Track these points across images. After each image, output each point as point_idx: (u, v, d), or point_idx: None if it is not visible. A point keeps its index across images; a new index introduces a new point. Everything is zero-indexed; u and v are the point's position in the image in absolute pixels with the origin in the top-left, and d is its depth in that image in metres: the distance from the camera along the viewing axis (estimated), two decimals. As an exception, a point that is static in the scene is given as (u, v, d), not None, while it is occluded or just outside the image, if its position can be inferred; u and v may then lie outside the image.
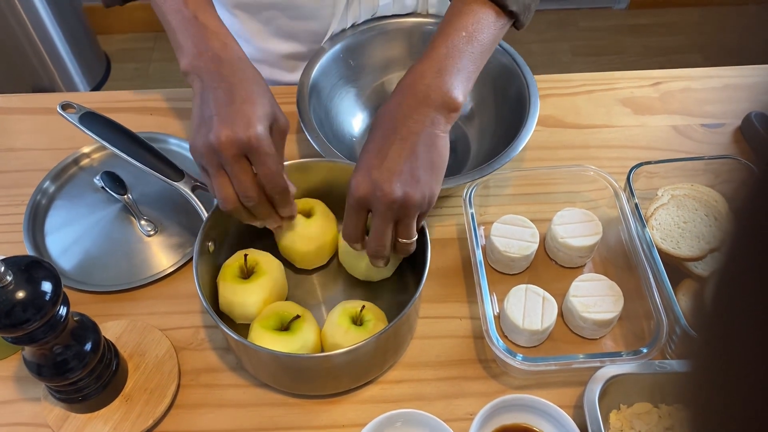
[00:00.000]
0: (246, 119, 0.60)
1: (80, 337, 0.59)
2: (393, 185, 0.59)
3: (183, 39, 0.66)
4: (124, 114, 0.88)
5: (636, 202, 0.71)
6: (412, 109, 0.62)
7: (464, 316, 0.71)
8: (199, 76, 0.64)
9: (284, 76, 0.94)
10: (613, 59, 2.25)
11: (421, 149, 0.61)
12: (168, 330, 0.69)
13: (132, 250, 0.76)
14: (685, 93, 0.90)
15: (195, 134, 0.62)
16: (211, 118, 0.60)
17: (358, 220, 0.62)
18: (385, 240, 0.61)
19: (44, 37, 1.95)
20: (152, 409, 0.64)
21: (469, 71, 0.65)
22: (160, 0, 0.68)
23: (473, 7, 0.66)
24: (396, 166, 0.59)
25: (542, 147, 0.84)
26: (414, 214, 0.61)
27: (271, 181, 0.62)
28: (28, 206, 0.79)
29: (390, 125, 0.62)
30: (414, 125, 0.61)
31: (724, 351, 0.23)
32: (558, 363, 0.62)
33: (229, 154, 0.59)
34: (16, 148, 0.86)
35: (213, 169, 0.61)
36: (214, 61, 0.64)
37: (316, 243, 0.70)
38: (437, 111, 0.62)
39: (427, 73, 0.63)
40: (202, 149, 0.60)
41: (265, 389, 0.66)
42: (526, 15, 0.69)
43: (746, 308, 0.21)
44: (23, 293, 0.51)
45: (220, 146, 0.59)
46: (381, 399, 0.66)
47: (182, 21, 0.66)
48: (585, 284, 0.68)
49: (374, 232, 0.61)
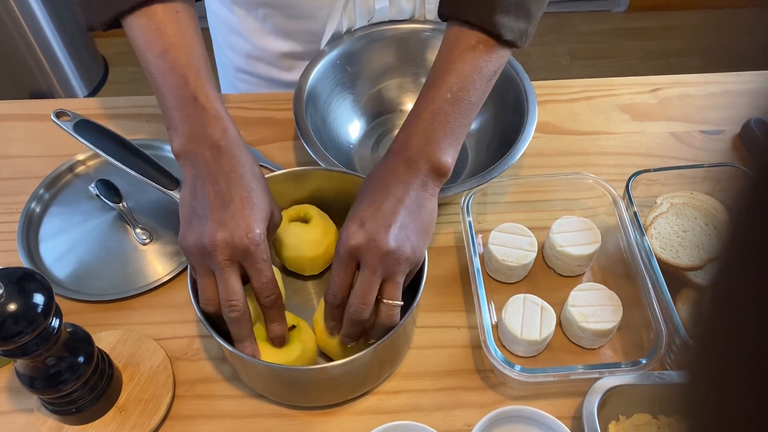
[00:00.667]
0: (245, 224, 0.57)
1: (73, 348, 0.58)
2: (387, 236, 0.58)
3: (179, 119, 0.61)
4: (120, 120, 0.88)
5: (635, 211, 0.71)
6: (402, 173, 0.61)
7: (462, 326, 0.70)
8: (193, 163, 0.60)
9: (281, 74, 0.94)
10: (612, 62, 2.25)
11: (413, 209, 0.60)
12: (163, 340, 0.69)
13: (127, 259, 0.76)
14: (684, 99, 0.90)
15: (186, 230, 0.59)
16: (204, 217, 0.57)
17: (346, 275, 0.59)
18: (370, 297, 0.58)
19: (42, 40, 1.95)
20: (147, 420, 0.63)
21: (456, 134, 0.64)
22: (157, 72, 0.63)
23: (459, 57, 0.64)
24: (390, 219, 0.59)
25: (540, 154, 0.84)
26: (403, 272, 0.59)
27: (267, 290, 0.59)
28: (23, 214, 0.78)
29: (381, 186, 0.61)
30: (405, 187, 0.61)
31: (721, 361, 0.23)
32: (556, 374, 0.61)
33: (221, 259, 0.56)
34: (10, 155, 0.85)
35: (201, 270, 0.58)
36: (212, 150, 0.59)
37: (324, 245, 0.70)
38: (426, 176, 0.62)
39: (414, 140, 0.62)
40: (193, 249, 0.57)
41: (261, 400, 0.65)
42: (524, 40, 0.66)
43: (743, 317, 0.21)
44: (15, 306, 0.51)
45: (214, 250, 0.56)
46: (378, 410, 0.65)
47: (180, 100, 0.61)
48: (584, 294, 0.68)
49: (359, 286, 0.58)
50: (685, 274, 0.69)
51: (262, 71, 0.94)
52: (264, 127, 0.87)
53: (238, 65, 0.96)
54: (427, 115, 0.63)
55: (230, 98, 0.91)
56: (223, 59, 0.98)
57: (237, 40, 0.92)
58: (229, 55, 0.96)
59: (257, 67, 0.94)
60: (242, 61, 0.94)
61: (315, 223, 0.70)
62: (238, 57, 0.94)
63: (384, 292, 0.59)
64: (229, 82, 1.00)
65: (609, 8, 2.43)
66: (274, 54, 0.91)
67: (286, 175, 0.69)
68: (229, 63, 0.97)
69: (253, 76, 0.95)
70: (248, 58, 0.93)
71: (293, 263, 0.70)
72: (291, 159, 0.84)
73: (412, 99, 0.87)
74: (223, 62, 0.99)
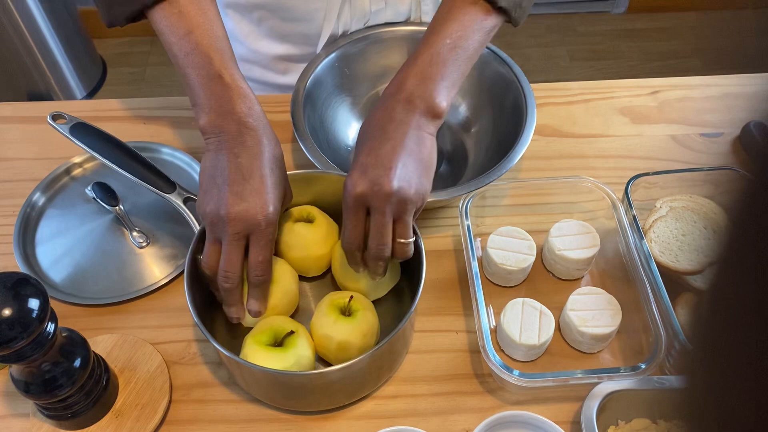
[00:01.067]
0: (261, 201, 0.59)
1: (69, 353, 0.58)
2: (390, 180, 0.59)
3: (205, 96, 0.63)
4: (117, 123, 0.87)
5: (634, 214, 0.70)
6: (397, 113, 0.63)
7: (460, 330, 0.70)
8: (218, 137, 0.62)
9: (276, 78, 0.93)
10: (611, 64, 2.25)
11: (412, 148, 0.62)
12: (159, 344, 0.68)
13: (124, 262, 0.75)
14: (684, 102, 0.90)
15: (204, 197, 0.61)
16: (224, 187, 0.59)
17: (357, 221, 0.61)
18: (386, 237, 0.61)
19: (40, 41, 1.94)
20: (143, 425, 0.62)
21: (452, 78, 0.65)
22: (181, 53, 0.64)
23: (460, 9, 0.66)
24: (390, 163, 0.60)
25: (539, 157, 0.84)
26: (411, 210, 0.61)
27: (260, 269, 0.61)
28: (19, 217, 0.78)
29: (378, 129, 0.63)
30: (401, 127, 0.62)
31: (720, 366, 0.22)
32: (555, 379, 0.61)
33: (232, 231, 0.59)
34: (6, 158, 0.85)
35: (211, 236, 0.61)
36: (238, 125, 0.61)
37: (329, 244, 0.70)
38: (422, 115, 0.63)
39: (410, 80, 0.64)
40: (210, 216, 0.60)
41: (258, 405, 0.65)
42: (517, 12, 0.69)
43: (742, 322, 0.21)
44: (9, 311, 0.50)
45: (228, 221, 0.59)
46: (376, 415, 0.65)
47: (206, 78, 0.63)
48: (583, 298, 0.67)
49: (374, 229, 0.61)
50: (684, 278, 0.69)
51: (257, 75, 0.94)
52: (262, 129, 0.86)
53: None
54: (425, 58, 0.65)
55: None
56: None
57: (232, 43, 0.92)
58: None
59: (252, 70, 0.93)
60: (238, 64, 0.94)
61: (319, 223, 0.69)
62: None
63: (395, 232, 0.61)
64: None
65: (608, 9, 2.43)
66: (268, 57, 0.91)
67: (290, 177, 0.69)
68: None
69: (248, 80, 0.95)
70: (243, 62, 0.93)
71: (299, 264, 0.69)
72: (289, 162, 0.83)
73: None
74: None
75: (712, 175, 0.74)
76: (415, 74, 0.64)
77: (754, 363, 0.20)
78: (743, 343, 0.21)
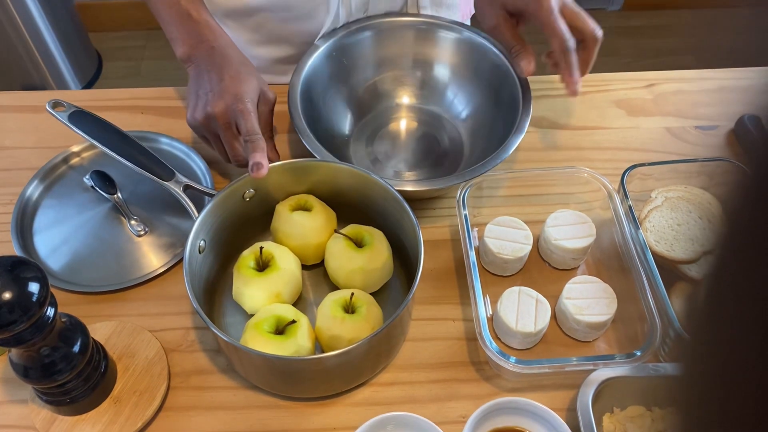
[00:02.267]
0: (235, 93, 0.69)
1: (68, 338, 0.58)
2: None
3: (179, 31, 0.75)
4: (115, 112, 0.87)
5: (630, 204, 0.71)
6: None
7: (457, 318, 0.71)
8: (195, 63, 0.73)
9: (275, 79, 0.93)
10: (606, 60, 2.24)
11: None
12: (158, 331, 0.69)
13: (122, 250, 0.75)
14: (679, 95, 0.90)
15: (193, 109, 0.71)
16: (206, 94, 0.70)
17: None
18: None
19: (35, 34, 1.94)
20: (141, 411, 0.63)
21: None
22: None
23: None
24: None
25: (535, 149, 0.84)
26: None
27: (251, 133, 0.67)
28: (16, 205, 0.78)
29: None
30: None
31: (714, 354, 0.23)
32: (551, 366, 0.62)
33: (222, 122, 0.70)
34: (4, 147, 0.85)
35: (210, 136, 0.72)
36: (208, 50, 0.73)
37: (327, 232, 0.70)
38: None
39: None
40: (201, 120, 0.71)
41: (256, 391, 0.65)
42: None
43: (737, 311, 0.21)
44: (9, 294, 0.50)
45: (215, 116, 0.69)
46: (373, 401, 0.65)
47: (177, 15, 0.75)
48: (578, 286, 0.68)
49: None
50: (679, 268, 0.70)
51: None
52: (260, 119, 0.87)
53: None
54: None
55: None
56: None
57: None
58: None
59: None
60: None
61: (317, 211, 0.70)
62: None
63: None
64: None
65: (604, 6, 2.44)
66: (268, 61, 0.92)
67: (281, 167, 0.69)
68: None
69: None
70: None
71: (297, 252, 0.69)
72: (286, 152, 0.83)
73: (407, 92, 0.88)
74: None
75: (707, 166, 0.75)
76: None
77: (750, 351, 0.20)
78: (739, 331, 0.21)
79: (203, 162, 0.81)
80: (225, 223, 0.69)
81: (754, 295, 0.20)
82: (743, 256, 0.21)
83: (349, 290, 0.65)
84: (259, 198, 0.70)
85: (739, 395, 0.21)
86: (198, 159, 0.82)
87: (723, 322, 0.22)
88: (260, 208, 0.71)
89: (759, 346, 0.20)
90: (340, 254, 0.68)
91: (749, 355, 0.20)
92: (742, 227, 0.21)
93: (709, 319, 0.23)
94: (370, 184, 0.69)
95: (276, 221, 0.71)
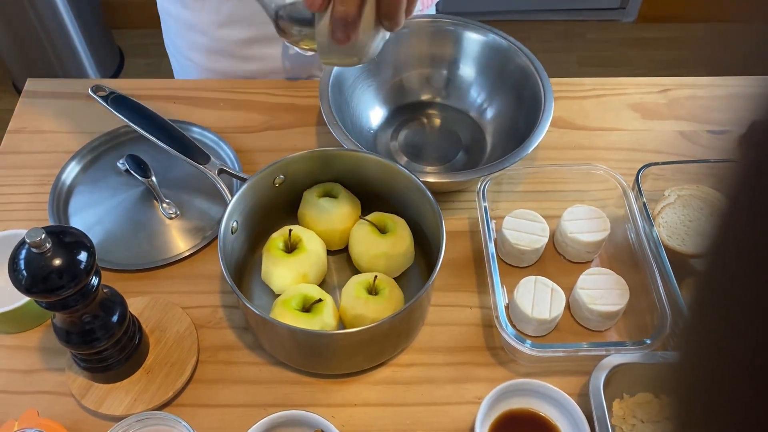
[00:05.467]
0: None
1: (108, 308, 0.61)
2: None
3: None
4: (148, 101, 0.90)
5: (644, 201, 0.74)
6: None
7: (474, 305, 0.73)
8: None
9: (244, 66, 0.94)
10: (619, 71, 2.28)
11: None
12: (187, 308, 0.72)
13: (153, 232, 0.79)
14: (692, 100, 0.93)
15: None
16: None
17: None
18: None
19: (61, 29, 1.98)
20: (172, 382, 0.66)
21: None
22: None
23: None
24: None
25: (552, 147, 0.87)
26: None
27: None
28: (53, 186, 0.81)
29: None
30: None
31: (709, 343, 0.23)
32: (566, 350, 0.64)
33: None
34: (42, 131, 0.88)
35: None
36: None
37: (353, 219, 0.73)
38: None
39: None
40: None
41: (281, 367, 0.68)
42: None
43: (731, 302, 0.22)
44: (60, 261, 0.54)
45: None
46: (392, 381, 0.68)
47: None
48: (592, 278, 0.71)
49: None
50: (690, 263, 0.72)
51: (225, 66, 0.95)
52: (287, 112, 0.90)
53: (202, 64, 0.96)
54: None
55: (256, 84, 0.94)
56: (187, 62, 0.98)
57: (195, 36, 0.93)
58: (192, 55, 0.96)
59: (220, 62, 0.95)
60: (204, 58, 0.95)
61: (342, 199, 0.73)
62: (200, 55, 0.95)
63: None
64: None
65: (618, 18, 2.47)
66: (233, 44, 0.92)
67: (310, 155, 0.72)
68: (193, 65, 0.98)
69: (216, 72, 0.96)
70: (209, 54, 0.94)
71: (323, 237, 0.73)
72: (313, 144, 0.87)
73: (431, 92, 0.91)
74: (188, 65, 0.99)
75: (718, 167, 0.78)
76: None
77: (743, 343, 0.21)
78: (733, 323, 0.21)
79: (232, 150, 0.85)
80: (255, 207, 0.72)
81: (751, 284, 0.20)
82: (739, 253, 0.21)
83: (372, 273, 0.68)
84: (288, 184, 0.74)
85: (736, 378, 0.21)
86: (227, 147, 0.85)
87: (717, 313, 0.22)
88: (288, 194, 0.74)
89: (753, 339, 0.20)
90: (365, 239, 0.71)
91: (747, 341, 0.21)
92: (739, 221, 0.22)
93: (704, 310, 0.24)
94: (395, 174, 0.72)
95: (303, 207, 0.74)
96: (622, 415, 0.65)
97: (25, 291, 0.54)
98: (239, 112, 0.90)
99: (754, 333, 0.20)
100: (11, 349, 0.70)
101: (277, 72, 0.95)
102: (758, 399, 0.20)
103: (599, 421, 0.61)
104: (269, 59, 0.93)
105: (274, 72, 0.95)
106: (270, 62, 0.94)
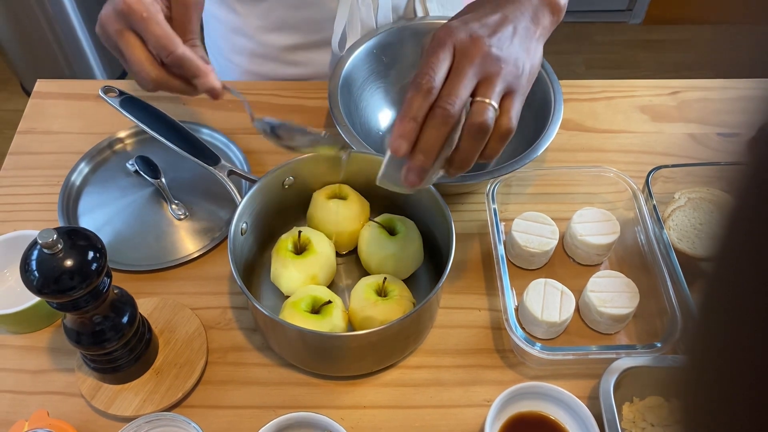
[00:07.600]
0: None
1: (118, 309, 0.61)
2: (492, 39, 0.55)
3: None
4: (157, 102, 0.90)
5: (654, 204, 0.74)
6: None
7: (483, 308, 0.73)
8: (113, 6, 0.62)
9: (287, 70, 0.95)
10: (627, 73, 2.28)
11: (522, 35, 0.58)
12: (196, 309, 0.72)
13: (162, 233, 0.79)
14: (702, 103, 0.93)
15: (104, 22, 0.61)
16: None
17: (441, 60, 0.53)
18: (464, 91, 0.52)
19: (68, 29, 1.99)
20: (181, 383, 0.66)
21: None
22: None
23: None
24: (497, 28, 0.56)
25: (561, 149, 0.87)
26: (504, 79, 0.54)
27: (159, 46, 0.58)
28: (63, 187, 0.81)
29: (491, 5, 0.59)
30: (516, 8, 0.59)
31: (715, 346, 0.23)
32: (575, 353, 0.64)
33: (112, 30, 0.59)
34: (52, 131, 0.89)
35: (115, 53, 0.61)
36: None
37: (362, 220, 0.73)
38: (539, 6, 0.61)
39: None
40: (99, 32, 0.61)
41: (290, 369, 0.68)
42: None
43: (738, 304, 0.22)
44: (71, 262, 0.54)
45: (102, 24, 0.59)
46: (401, 383, 0.68)
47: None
48: (602, 280, 0.70)
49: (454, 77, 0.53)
50: (701, 266, 0.72)
51: (268, 70, 0.96)
52: (295, 113, 0.90)
53: (244, 67, 0.97)
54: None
55: (265, 85, 0.94)
56: (229, 63, 0.99)
57: (240, 40, 0.94)
58: (234, 58, 0.97)
59: (263, 65, 0.95)
60: (247, 61, 0.96)
61: (351, 200, 0.73)
62: (242, 58, 0.96)
63: (477, 91, 0.54)
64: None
65: (626, 20, 2.46)
66: (278, 49, 0.93)
67: (321, 156, 0.72)
68: (234, 66, 0.99)
69: (258, 75, 0.97)
70: (253, 57, 0.95)
71: (332, 239, 0.72)
72: (321, 145, 0.87)
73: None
74: (228, 67, 1.00)
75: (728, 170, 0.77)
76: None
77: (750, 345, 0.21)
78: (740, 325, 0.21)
79: (241, 152, 0.85)
80: (265, 209, 0.72)
81: (756, 286, 0.20)
82: (746, 253, 0.21)
83: (381, 275, 0.68)
84: (298, 186, 0.74)
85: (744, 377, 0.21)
86: (237, 149, 0.85)
87: (725, 316, 0.22)
88: (298, 195, 0.74)
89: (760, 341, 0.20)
90: (374, 240, 0.71)
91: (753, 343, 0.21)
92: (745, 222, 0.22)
93: (711, 313, 0.24)
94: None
95: (312, 208, 0.74)
96: (632, 418, 0.65)
97: (36, 292, 0.54)
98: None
99: (761, 336, 0.20)
100: (21, 349, 0.70)
101: (321, 76, 0.96)
102: (767, 402, 0.20)
103: (609, 425, 0.60)
104: (314, 64, 0.95)
105: (318, 76, 0.96)
106: (314, 67, 0.95)
